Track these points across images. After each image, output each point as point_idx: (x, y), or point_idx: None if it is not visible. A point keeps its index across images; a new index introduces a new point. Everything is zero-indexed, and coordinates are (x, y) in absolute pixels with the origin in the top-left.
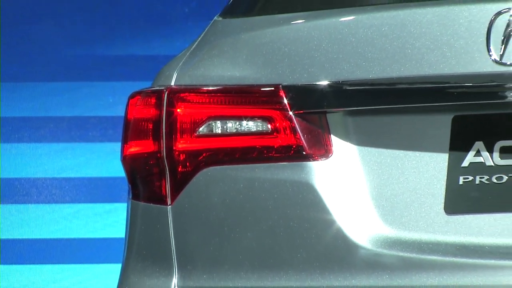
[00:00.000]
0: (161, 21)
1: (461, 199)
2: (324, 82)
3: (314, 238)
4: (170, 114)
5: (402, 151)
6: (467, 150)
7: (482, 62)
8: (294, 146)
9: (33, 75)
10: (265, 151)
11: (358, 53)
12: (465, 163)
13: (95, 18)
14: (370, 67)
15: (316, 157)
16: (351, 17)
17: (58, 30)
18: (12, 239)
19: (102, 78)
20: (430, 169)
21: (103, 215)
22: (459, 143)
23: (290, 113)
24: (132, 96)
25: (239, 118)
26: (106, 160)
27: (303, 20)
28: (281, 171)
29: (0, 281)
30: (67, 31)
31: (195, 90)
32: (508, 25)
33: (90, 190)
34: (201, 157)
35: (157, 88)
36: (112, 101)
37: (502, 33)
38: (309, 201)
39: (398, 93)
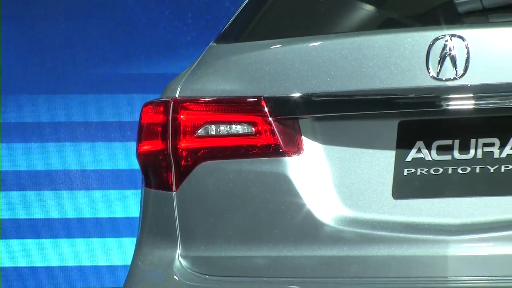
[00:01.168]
0: (168, 47)
1: (405, 187)
2: (296, 94)
3: (288, 218)
4: (175, 119)
5: (358, 149)
6: (410, 148)
7: (422, 78)
8: (272, 145)
9: (68, 89)
10: (249, 149)
11: (323, 71)
12: (409, 158)
13: (117, 45)
14: (333, 82)
15: (290, 154)
16: (318, 43)
17: (88, 54)
18: (51, 218)
19: (122, 92)
20: (380, 163)
21: (123, 199)
22: (403, 143)
23: (270, 118)
24: (145, 105)
25: (230, 122)
26: (125, 156)
27: (280, 45)
28: (263, 164)
29: (42, 252)
30: (95, 55)
31: (194, 100)
32: (443, 49)
33: (112, 179)
34: (199, 153)
35: (165, 99)
36: (130, 109)
37: (438, 55)
38: (284, 189)
39: (355, 102)
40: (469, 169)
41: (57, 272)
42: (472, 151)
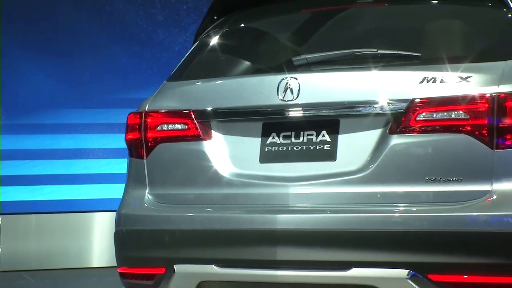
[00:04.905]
0: (144, 84)
1: (266, 157)
2: (209, 108)
3: (205, 174)
4: (145, 121)
5: (242, 137)
6: (269, 136)
7: (274, 100)
8: (196, 135)
9: (91, 106)
10: (185, 137)
11: (223, 96)
12: (268, 142)
13: (117, 82)
14: (228, 102)
15: (206, 139)
16: (221, 81)
17: (102, 87)
18: (81, 173)
19: (120, 107)
20: (253, 144)
21: (120, 164)
22: (265, 133)
23: (195, 121)
24: (129, 114)
25: (174, 123)
26: (121, 141)
27: (201, 83)
28: (192, 145)
29: (76, 191)
30: (105, 88)
31: (156, 112)
32: (286, 84)
33: (114, 153)
34: (158, 139)
35: (140, 110)
36: (123, 116)
37: (283, 87)
38: (203, 158)
39: (240, 113)
40: (300, 147)
41: (85, 202)
42: (301, 138)
